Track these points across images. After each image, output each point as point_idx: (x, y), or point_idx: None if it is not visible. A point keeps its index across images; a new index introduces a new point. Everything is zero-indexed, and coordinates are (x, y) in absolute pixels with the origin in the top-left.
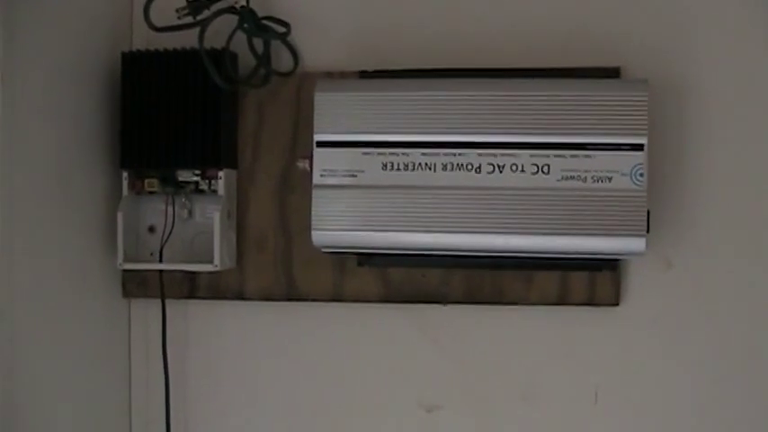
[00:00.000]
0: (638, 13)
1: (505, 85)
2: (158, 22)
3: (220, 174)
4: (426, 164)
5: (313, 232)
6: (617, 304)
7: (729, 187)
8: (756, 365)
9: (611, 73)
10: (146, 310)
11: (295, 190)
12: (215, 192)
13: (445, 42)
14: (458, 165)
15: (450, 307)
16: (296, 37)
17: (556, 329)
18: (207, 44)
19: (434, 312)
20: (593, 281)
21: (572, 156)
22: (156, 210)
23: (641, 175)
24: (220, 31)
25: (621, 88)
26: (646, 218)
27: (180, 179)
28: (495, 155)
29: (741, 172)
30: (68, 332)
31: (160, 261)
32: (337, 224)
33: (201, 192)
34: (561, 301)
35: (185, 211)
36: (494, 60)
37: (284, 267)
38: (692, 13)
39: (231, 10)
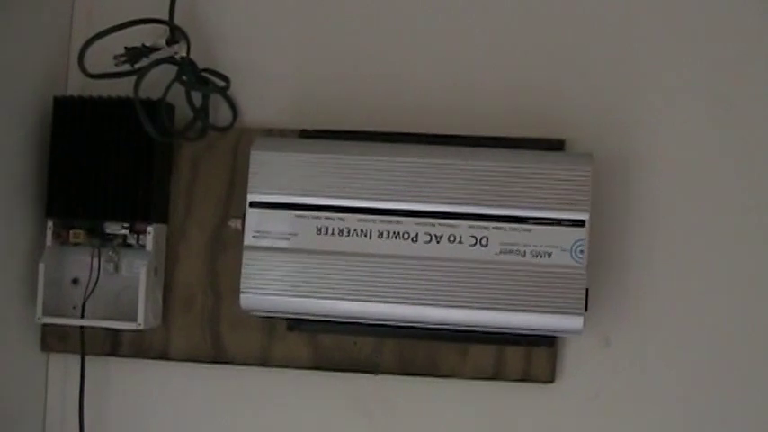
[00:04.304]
0: (584, 86)
1: (446, 152)
2: (96, 69)
3: (149, 228)
4: (362, 230)
5: (241, 295)
6: (552, 381)
7: (670, 265)
8: None
9: (556, 145)
10: (65, 367)
11: (227, 249)
12: (143, 246)
13: (389, 105)
14: (394, 233)
15: (381, 377)
16: (236, 90)
17: (489, 404)
18: (143, 94)
19: (366, 381)
20: (529, 356)
21: (512, 229)
22: (80, 262)
23: (581, 251)
24: (159, 80)
25: (565, 162)
26: (585, 296)
27: (107, 231)
28: (433, 224)
29: (683, 250)
30: None
31: (82, 316)
32: (267, 288)
33: (129, 246)
34: (496, 375)
35: (111, 265)
36: (437, 126)
37: (211, 328)
38: (637, 86)
39: (170, 60)
